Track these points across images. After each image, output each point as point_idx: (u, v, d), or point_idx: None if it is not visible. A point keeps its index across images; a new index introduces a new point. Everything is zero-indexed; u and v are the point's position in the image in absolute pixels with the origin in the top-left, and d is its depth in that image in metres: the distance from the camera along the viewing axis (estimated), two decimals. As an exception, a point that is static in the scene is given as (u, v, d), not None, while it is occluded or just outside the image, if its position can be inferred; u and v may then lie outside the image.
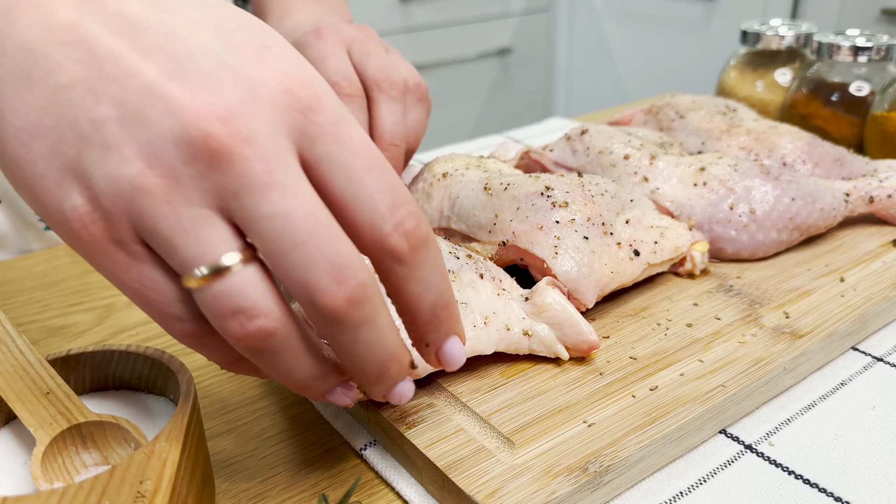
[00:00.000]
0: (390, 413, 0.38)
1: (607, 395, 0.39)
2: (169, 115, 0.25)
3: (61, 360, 0.36)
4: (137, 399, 0.36)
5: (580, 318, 0.42)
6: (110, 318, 0.54)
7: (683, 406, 0.38)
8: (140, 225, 0.26)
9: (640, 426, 0.37)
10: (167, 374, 0.35)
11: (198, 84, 0.25)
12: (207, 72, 0.25)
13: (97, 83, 0.25)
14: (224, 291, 0.25)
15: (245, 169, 0.25)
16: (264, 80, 0.26)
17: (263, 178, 0.25)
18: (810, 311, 0.46)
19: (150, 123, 0.25)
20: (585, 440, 0.36)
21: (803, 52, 0.78)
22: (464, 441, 0.36)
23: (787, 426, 0.40)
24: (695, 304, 0.48)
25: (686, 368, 0.41)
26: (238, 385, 0.45)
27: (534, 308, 0.42)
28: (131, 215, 0.25)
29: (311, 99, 0.27)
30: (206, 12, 0.27)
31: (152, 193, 0.25)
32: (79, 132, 0.25)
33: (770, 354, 0.42)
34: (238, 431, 0.41)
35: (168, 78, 0.25)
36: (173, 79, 0.25)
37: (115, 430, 0.33)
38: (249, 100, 0.26)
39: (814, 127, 0.72)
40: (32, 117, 0.25)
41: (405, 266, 0.28)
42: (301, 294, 0.26)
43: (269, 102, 0.26)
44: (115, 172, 0.25)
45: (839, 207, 0.55)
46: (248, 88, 0.26)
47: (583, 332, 0.41)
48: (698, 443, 0.39)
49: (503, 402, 0.39)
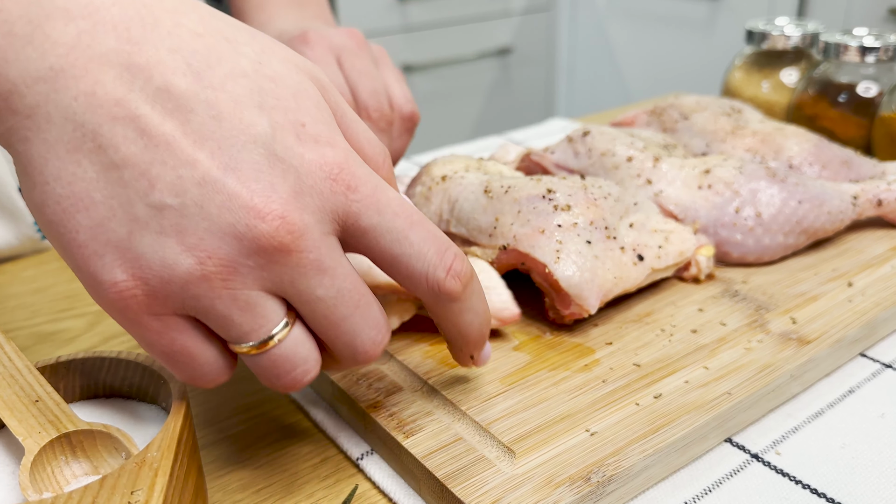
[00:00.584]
0: (388, 421, 0.38)
1: (610, 403, 0.39)
2: (229, 212, 0.27)
3: (50, 368, 0.35)
4: (128, 407, 0.36)
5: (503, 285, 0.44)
6: (101, 323, 0.53)
7: (688, 414, 0.38)
8: (192, 305, 0.28)
9: (644, 435, 0.36)
10: (159, 381, 0.35)
11: (252, 178, 0.27)
12: (259, 164, 0.27)
13: (151, 167, 0.26)
14: (280, 356, 0.30)
15: (300, 260, 0.28)
16: (308, 168, 0.28)
17: (316, 265, 0.28)
18: (818, 316, 0.46)
19: (209, 217, 0.27)
20: (588, 449, 0.36)
21: (810, 51, 0.78)
22: (463, 450, 0.36)
23: (795, 434, 0.40)
24: (700, 309, 0.48)
25: (691, 375, 0.41)
26: (231, 393, 0.45)
27: None
28: (183, 297, 0.28)
29: (349, 179, 0.29)
30: (246, 85, 0.28)
31: (210, 281, 0.27)
32: (131, 214, 0.27)
33: (777, 361, 0.42)
34: (231, 440, 0.41)
35: (224, 171, 0.27)
36: (229, 172, 0.27)
37: (105, 439, 0.33)
38: (299, 191, 0.28)
39: (821, 128, 0.72)
40: (79, 188, 0.27)
41: (459, 302, 0.32)
42: (344, 351, 0.31)
43: (314, 191, 0.28)
44: (171, 260, 0.27)
45: (847, 210, 0.55)
46: (297, 179, 0.28)
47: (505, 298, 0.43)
48: (703, 452, 0.39)
49: (503, 410, 0.39)
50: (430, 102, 2.16)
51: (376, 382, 0.41)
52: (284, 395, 0.44)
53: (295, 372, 0.30)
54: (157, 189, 0.26)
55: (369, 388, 0.41)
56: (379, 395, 0.40)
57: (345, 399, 0.41)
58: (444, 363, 0.43)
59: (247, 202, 0.27)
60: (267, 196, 0.27)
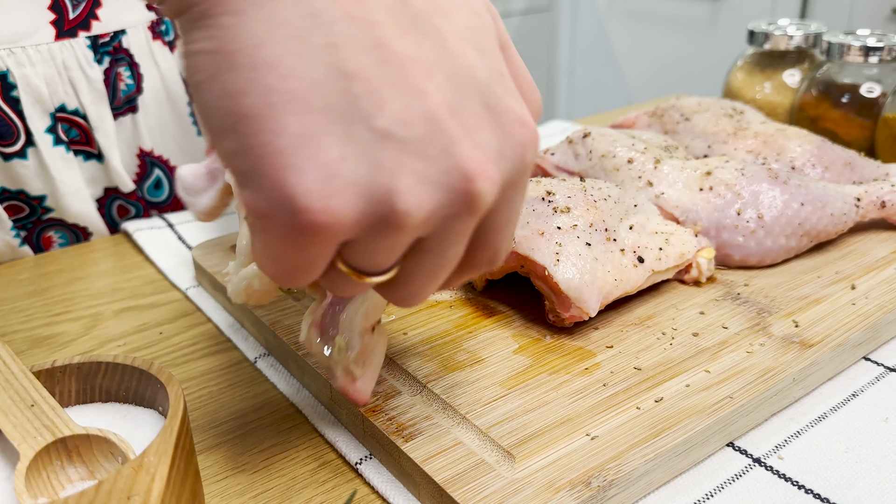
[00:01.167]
0: (386, 426, 0.38)
1: (611, 407, 0.39)
2: (447, 157, 0.25)
3: (46, 372, 0.36)
4: (125, 412, 0.36)
5: None
6: (97, 327, 0.54)
7: (689, 418, 0.38)
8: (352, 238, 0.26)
9: (645, 439, 0.37)
10: (156, 385, 0.35)
11: (473, 127, 0.25)
12: (478, 113, 0.26)
13: (382, 86, 0.24)
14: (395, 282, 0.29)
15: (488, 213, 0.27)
16: (512, 129, 0.27)
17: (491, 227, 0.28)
18: (820, 319, 0.47)
19: (428, 159, 0.24)
20: (588, 454, 0.36)
21: (812, 52, 0.78)
22: (463, 455, 0.36)
23: (797, 439, 0.40)
24: (701, 312, 0.48)
25: (692, 379, 0.41)
26: (229, 397, 0.45)
27: None
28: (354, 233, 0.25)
29: (533, 146, 0.28)
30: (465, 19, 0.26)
31: (401, 229, 0.25)
32: (350, 134, 0.24)
33: (779, 364, 0.42)
34: (229, 445, 0.41)
35: (450, 112, 0.25)
36: (454, 115, 0.25)
37: (101, 444, 0.33)
38: (501, 153, 0.26)
39: (823, 130, 0.72)
40: (297, 86, 0.23)
41: None
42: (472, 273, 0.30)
43: (512, 156, 0.27)
44: (376, 199, 0.24)
45: (850, 212, 0.55)
46: (502, 138, 0.26)
47: None
48: (705, 456, 0.39)
49: (503, 414, 0.39)
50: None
51: (375, 386, 0.41)
52: (282, 399, 0.45)
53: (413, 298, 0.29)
54: (384, 113, 0.24)
55: (368, 392, 0.41)
56: (377, 399, 0.40)
57: (343, 403, 0.41)
58: (444, 367, 0.43)
59: (466, 155, 0.25)
60: (483, 153, 0.25)
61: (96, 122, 0.68)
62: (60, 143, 0.66)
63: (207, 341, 0.52)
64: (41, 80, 0.64)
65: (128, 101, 0.72)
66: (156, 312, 0.55)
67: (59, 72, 0.65)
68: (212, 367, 0.49)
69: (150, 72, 0.73)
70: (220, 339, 0.52)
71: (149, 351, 0.50)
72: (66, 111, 0.67)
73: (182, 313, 0.55)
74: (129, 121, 0.72)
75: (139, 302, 0.57)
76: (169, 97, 0.75)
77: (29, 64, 0.63)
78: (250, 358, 0.49)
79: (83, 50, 0.67)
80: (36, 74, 0.63)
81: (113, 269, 0.63)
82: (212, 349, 0.51)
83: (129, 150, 0.73)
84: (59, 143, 0.66)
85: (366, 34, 0.24)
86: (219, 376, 0.47)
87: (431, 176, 0.25)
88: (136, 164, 0.74)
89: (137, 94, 0.73)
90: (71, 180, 0.68)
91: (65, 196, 0.68)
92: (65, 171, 0.68)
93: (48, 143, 0.66)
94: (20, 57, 0.63)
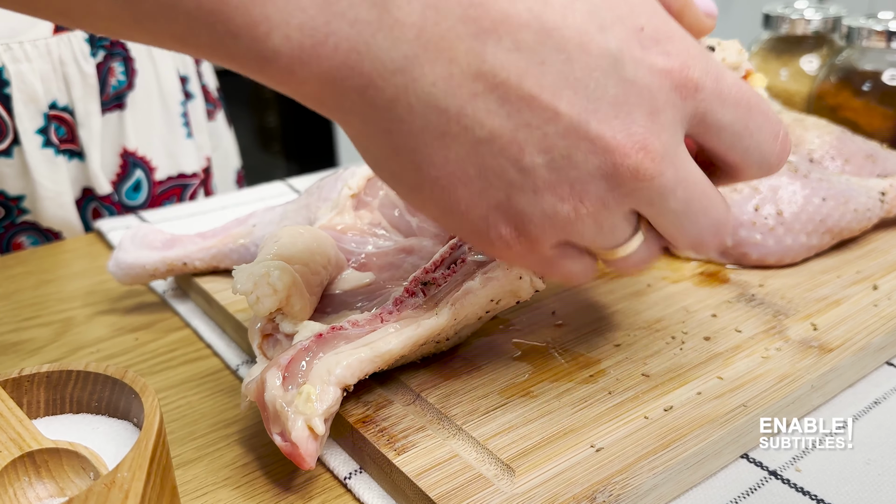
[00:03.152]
0: (377, 437, 0.38)
1: (617, 417, 0.39)
2: (595, 155, 0.30)
3: (13, 381, 0.35)
4: (97, 424, 0.36)
5: None
6: (68, 333, 0.53)
7: (701, 428, 0.38)
8: (568, 240, 0.33)
9: (654, 450, 0.37)
10: (130, 395, 0.35)
11: (612, 115, 0.30)
12: (615, 97, 0.30)
13: (517, 133, 0.29)
14: (633, 258, 0.35)
15: (660, 182, 0.31)
16: (659, 82, 0.30)
17: (672, 184, 0.31)
18: (840, 322, 0.47)
19: (577, 165, 0.30)
20: (593, 466, 0.36)
21: (832, 37, 0.78)
22: (459, 468, 0.36)
23: (816, 450, 0.40)
24: (713, 315, 0.48)
25: (704, 386, 0.41)
26: (209, 407, 0.45)
27: None
28: (560, 236, 0.32)
29: (695, 79, 0.31)
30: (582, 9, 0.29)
31: (584, 221, 0.31)
32: (507, 180, 0.30)
33: (796, 370, 0.42)
34: (209, 459, 0.41)
35: (584, 116, 0.29)
36: (589, 115, 0.29)
37: (72, 458, 0.33)
38: (654, 111, 0.30)
39: (843, 119, 0.72)
40: (454, 168, 0.30)
41: None
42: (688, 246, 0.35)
43: (668, 106, 0.30)
44: (549, 211, 0.31)
45: (874, 208, 0.55)
46: (650, 98, 0.30)
47: None
48: (718, 469, 0.39)
49: (502, 424, 0.39)
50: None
51: (365, 395, 0.41)
52: (266, 409, 0.45)
53: (644, 265, 0.36)
54: (526, 153, 0.30)
55: (357, 401, 0.41)
56: (368, 408, 0.40)
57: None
58: (439, 374, 0.43)
59: (610, 143, 0.30)
60: (628, 130, 0.30)
61: (82, 117, 0.69)
62: (50, 146, 0.67)
63: (186, 348, 0.52)
64: (37, 76, 0.65)
65: (116, 98, 0.73)
66: (131, 317, 0.55)
67: (54, 67, 0.66)
68: (191, 375, 0.48)
69: (145, 67, 0.74)
70: (199, 346, 0.52)
71: (123, 358, 0.50)
72: (56, 108, 0.68)
73: (159, 318, 0.55)
74: (115, 118, 0.73)
75: (113, 306, 0.57)
76: (161, 94, 0.76)
77: (25, 60, 0.64)
78: (232, 365, 0.49)
79: (80, 44, 0.68)
80: (32, 71, 0.65)
81: (85, 270, 0.63)
82: (191, 356, 0.51)
83: (111, 148, 0.74)
84: (49, 146, 0.67)
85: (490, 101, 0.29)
86: (198, 385, 0.47)
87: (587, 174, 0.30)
88: (117, 163, 0.75)
89: (128, 91, 0.74)
90: (53, 184, 0.69)
91: (44, 199, 0.69)
92: (48, 174, 0.68)
93: (36, 145, 0.67)
94: (17, 53, 0.64)
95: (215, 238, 0.55)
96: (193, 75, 0.84)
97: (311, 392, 0.36)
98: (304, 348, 0.38)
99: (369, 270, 0.46)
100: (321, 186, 0.52)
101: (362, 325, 0.39)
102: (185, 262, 0.54)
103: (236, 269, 0.40)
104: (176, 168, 0.80)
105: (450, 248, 0.42)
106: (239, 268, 0.40)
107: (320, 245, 0.44)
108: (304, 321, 0.40)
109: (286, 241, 0.42)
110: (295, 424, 0.35)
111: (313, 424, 0.35)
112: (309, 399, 0.36)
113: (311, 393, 0.36)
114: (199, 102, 0.85)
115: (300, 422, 0.35)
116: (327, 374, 0.37)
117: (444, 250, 0.42)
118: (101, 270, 0.62)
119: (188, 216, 0.72)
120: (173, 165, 0.80)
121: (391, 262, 0.47)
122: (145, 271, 0.53)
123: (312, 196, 0.52)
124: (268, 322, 0.41)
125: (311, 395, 0.36)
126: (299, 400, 0.36)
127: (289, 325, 0.40)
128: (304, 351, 0.37)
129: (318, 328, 0.39)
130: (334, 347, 0.38)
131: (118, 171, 0.75)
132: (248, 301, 0.39)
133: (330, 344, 0.38)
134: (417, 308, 0.40)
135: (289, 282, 0.39)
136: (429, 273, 0.41)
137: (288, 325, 0.40)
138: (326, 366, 0.37)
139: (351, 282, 0.45)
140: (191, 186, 0.82)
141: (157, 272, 0.53)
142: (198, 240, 0.55)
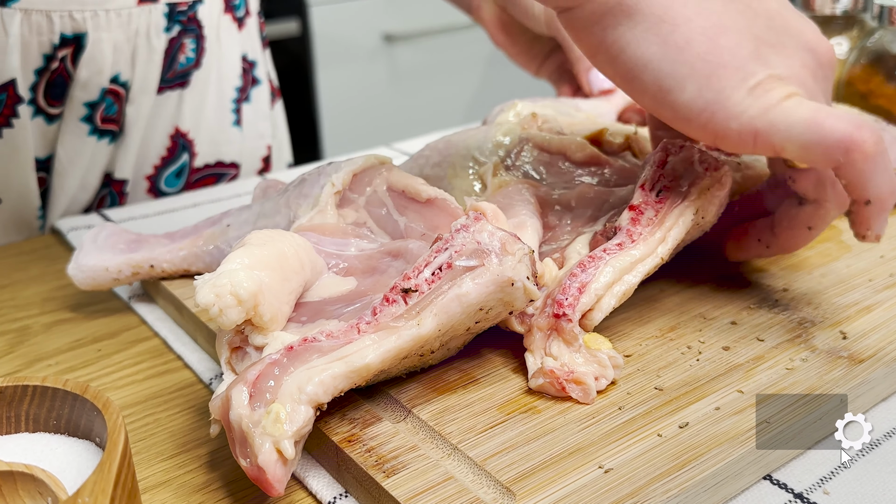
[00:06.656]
0: (365, 458, 0.38)
1: (628, 434, 0.39)
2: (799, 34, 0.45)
3: (-38, 397, 0.35)
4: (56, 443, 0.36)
5: None
6: (24, 343, 0.53)
7: (720, 447, 0.38)
8: None
9: (668, 472, 0.37)
10: (92, 412, 0.35)
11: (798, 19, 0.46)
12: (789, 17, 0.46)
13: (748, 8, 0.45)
14: None
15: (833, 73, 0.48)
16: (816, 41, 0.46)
17: None
18: (872, 330, 0.47)
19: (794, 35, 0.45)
20: (601, 489, 0.36)
21: (862, 17, 0.78)
22: (454, 492, 0.36)
23: (845, 471, 0.40)
24: (732, 322, 0.48)
25: (722, 401, 0.41)
26: (178, 426, 0.45)
27: None
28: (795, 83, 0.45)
29: None
30: None
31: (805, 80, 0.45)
32: (752, 34, 0.44)
33: (824, 384, 0.42)
34: (179, 482, 0.41)
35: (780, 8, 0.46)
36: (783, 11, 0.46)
37: (27, 482, 0.33)
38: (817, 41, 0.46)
39: (876, 107, 0.73)
40: (715, 20, 0.43)
41: None
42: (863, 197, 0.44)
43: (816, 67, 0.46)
44: (785, 63, 0.44)
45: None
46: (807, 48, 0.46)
47: None
48: (738, 491, 0.39)
49: (502, 443, 0.39)
50: (414, 79, 2.16)
51: (350, 412, 0.41)
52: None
53: None
54: (759, 15, 0.44)
55: (342, 418, 0.41)
56: (354, 426, 0.40)
57: (314, 433, 0.41)
58: (432, 387, 0.43)
59: (805, 31, 0.45)
60: (812, 30, 0.46)
61: (136, 93, 0.73)
62: (89, 122, 0.71)
63: (153, 360, 0.52)
64: (110, 47, 0.69)
65: (182, 75, 0.76)
66: (93, 326, 0.55)
67: (128, 38, 0.70)
68: (158, 390, 0.48)
69: (212, 47, 0.78)
70: (168, 357, 0.52)
71: (84, 372, 0.50)
72: (117, 82, 0.71)
73: (124, 327, 0.55)
74: (175, 96, 0.76)
75: (74, 314, 0.57)
76: (219, 77, 0.80)
77: (106, 28, 0.68)
78: (204, 379, 0.49)
79: (158, 17, 0.71)
80: (109, 40, 0.68)
81: (43, 274, 0.63)
82: (159, 369, 0.51)
83: (163, 128, 0.77)
84: (88, 122, 0.71)
85: None
86: (167, 401, 0.47)
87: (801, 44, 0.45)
88: (164, 145, 0.78)
89: (194, 69, 0.77)
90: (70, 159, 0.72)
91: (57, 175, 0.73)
92: (71, 146, 0.72)
93: (77, 116, 0.71)
94: (101, 20, 0.68)
95: (185, 239, 0.55)
96: (261, 60, 0.86)
97: (280, 411, 0.35)
98: (273, 362, 0.37)
99: (351, 275, 0.46)
100: (302, 182, 0.52)
101: (337, 336, 0.39)
102: (152, 265, 0.54)
103: (198, 279, 0.40)
104: (215, 156, 0.82)
105: (434, 251, 0.41)
106: (201, 277, 0.40)
107: (293, 248, 0.43)
108: (275, 332, 0.40)
109: (254, 244, 0.42)
110: (262, 447, 0.35)
111: (282, 447, 0.35)
112: (278, 419, 0.35)
113: (280, 412, 0.35)
114: (265, 88, 0.87)
115: (268, 444, 0.35)
116: (298, 392, 0.36)
117: (428, 254, 0.41)
118: (61, 274, 0.62)
119: (156, 214, 0.72)
120: (213, 153, 0.82)
121: (375, 265, 0.46)
122: (108, 275, 0.53)
123: (292, 193, 0.52)
124: (236, 334, 0.41)
125: (280, 414, 0.35)
126: (267, 420, 0.35)
127: (259, 337, 0.40)
128: (272, 365, 0.37)
129: (289, 339, 0.39)
130: (306, 361, 0.38)
131: (164, 153, 0.78)
132: (211, 314, 0.39)
133: (302, 357, 0.38)
134: (398, 317, 0.40)
135: (254, 290, 0.39)
136: (410, 279, 0.40)
137: (258, 336, 0.40)
138: (297, 382, 0.36)
139: (330, 288, 0.45)
140: (226, 177, 0.84)
141: (121, 276, 0.53)
142: (166, 241, 0.55)
